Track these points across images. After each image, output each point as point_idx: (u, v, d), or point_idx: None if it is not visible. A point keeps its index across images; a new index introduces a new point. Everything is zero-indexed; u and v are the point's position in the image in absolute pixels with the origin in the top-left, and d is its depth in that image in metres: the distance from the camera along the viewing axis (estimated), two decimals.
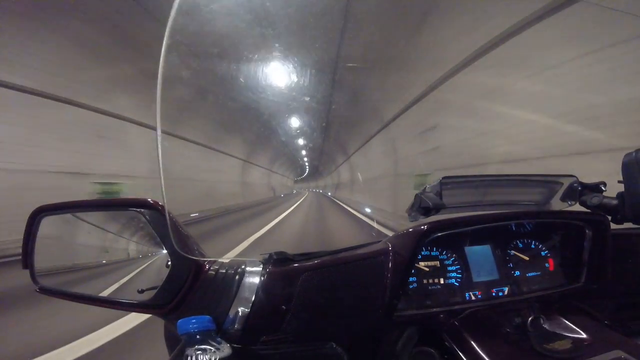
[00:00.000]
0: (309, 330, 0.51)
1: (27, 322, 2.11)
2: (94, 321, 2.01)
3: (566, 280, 0.67)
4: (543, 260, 0.69)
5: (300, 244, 4.77)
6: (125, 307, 0.53)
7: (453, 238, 0.64)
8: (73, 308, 0.56)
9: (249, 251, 4.34)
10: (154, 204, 0.51)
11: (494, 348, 0.48)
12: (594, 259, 0.64)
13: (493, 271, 0.65)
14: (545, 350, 0.46)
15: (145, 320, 2.02)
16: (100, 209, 0.61)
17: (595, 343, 0.47)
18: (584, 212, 0.66)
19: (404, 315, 0.57)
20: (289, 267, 0.54)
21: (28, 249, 0.55)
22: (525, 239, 0.70)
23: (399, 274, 0.54)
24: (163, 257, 0.52)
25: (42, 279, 0.56)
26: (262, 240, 5.13)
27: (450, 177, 0.62)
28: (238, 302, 0.50)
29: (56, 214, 0.58)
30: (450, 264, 0.64)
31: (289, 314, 0.50)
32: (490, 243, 0.67)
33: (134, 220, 0.57)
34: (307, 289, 0.51)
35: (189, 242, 0.52)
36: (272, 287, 0.51)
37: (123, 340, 1.84)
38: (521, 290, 0.65)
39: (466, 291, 0.63)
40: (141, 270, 0.56)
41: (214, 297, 0.50)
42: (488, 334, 0.51)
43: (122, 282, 0.57)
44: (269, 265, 0.54)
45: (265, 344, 0.49)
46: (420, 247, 0.57)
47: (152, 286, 0.52)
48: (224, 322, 0.49)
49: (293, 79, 6.55)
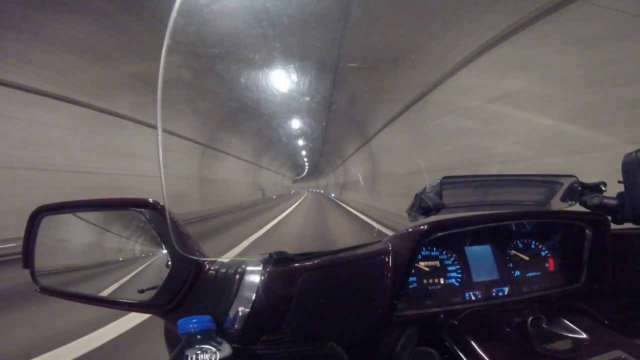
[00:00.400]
0: (309, 330, 0.51)
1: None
2: (94, 320, 2.01)
3: (566, 280, 0.67)
4: (543, 260, 0.69)
5: (300, 244, 4.77)
6: (125, 307, 0.54)
7: (453, 238, 0.65)
8: (78, 307, 0.56)
9: (249, 251, 4.35)
10: (154, 204, 0.51)
11: (494, 348, 0.48)
12: (594, 259, 0.64)
13: (493, 271, 0.65)
14: (545, 350, 0.46)
15: (145, 320, 2.02)
16: (101, 209, 0.61)
17: (595, 343, 0.47)
18: (584, 212, 0.66)
19: (404, 315, 0.57)
20: (289, 267, 0.54)
21: (28, 248, 0.55)
22: (525, 239, 0.70)
23: (399, 274, 0.54)
24: (163, 257, 0.52)
25: (43, 278, 0.56)
26: (263, 240, 5.13)
27: (450, 177, 0.62)
28: (238, 302, 0.50)
29: (56, 213, 0.58)
30: (451, 264, 0.64)
31: (289, 314, 0.50)
32: (491, 243, 0.67)
33: (134, 220, 0.58)
34: (307, 288, 0.51)
35: (189, 242, 0.52)
36: (272, 287, 0.51)
37: (123, 339, 1.84)
38: (521, 290, 0.65)
39: (466, 291, 0.63)
40: (141, 270, 0.56)
41: (214, 297, 0.50)
42: (488, 334, 0.51)
43: (123, 282, 0.57)
44: (269, 265, 0.54)
45: (265, 344, 0.49)
46: (420, 247, 0.57)
47: (152, 286, 0.52)
48: (224, 322, 0.49)
49: (294, 78, 6.56)
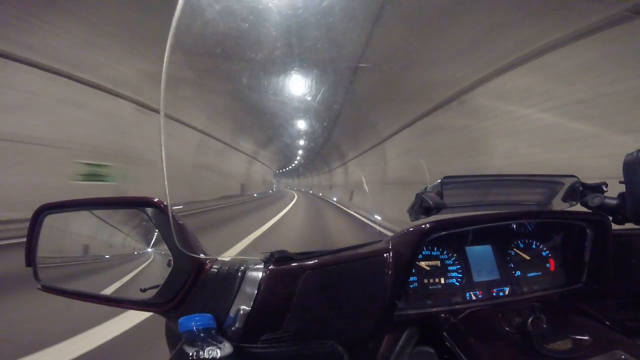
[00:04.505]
0: (309, 328, 0.51)
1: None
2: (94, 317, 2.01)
3: (567, 280, 0.67)
4: (544, 260, 0.69)
5: (301, 244, 4.77)
6: (127, 306, 0.54)
7: (454, 238, 0.65)
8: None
9: (250, 250, 4.35)
10: (157, 203, 0.51)
11: (495, 348, 0.48)
12: (595, 259, 0.64)
13: (494, 271, 0.65)
14: (545, 350, 0.46)
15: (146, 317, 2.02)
16: (104, 207, 0.62)
17: (596, 343, 0.47)
18: (585, 213, 0.66)
19: (404, 315, 0.57)
20: (290, 266, 0.54)
21: (31, 246, 0.55)
22: (526, 239, 0.70)
23: (399, 274, 0.54)
24: (165, 255, 0.52)
25: (45, 277, 0.56)
26: (263, 240, 5.12)
27: (451, 177, 0.62)
28: (239, 301, 0.50)
29: (59, 212, 0.58)
30: (451, 263, 0.65)
31: (290, 313, 0.50)
32: (491, 243, 0.67)
33: (136, 219, 0.58)
34: (308, 287, 0.51)
35: (191, 240, 0.53)
36: (273, 285, 0.51)
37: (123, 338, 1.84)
38: (522, 290, 0.65)
39: (467, 291, 0.63)
40: (143, 268, 0.57)
41: (215, 295, 0.51)
42: (488, 334, 0.51)
43: (125, 280, 0.57)
44: (270, 264, 0.54)
45: (266, 343, 0.49)
46: (421, 246, 0.57)
47: (154, 284, 0.52)
48: (225, 320, 0.49)
49: (294, 78, 6.57)
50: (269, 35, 4.83)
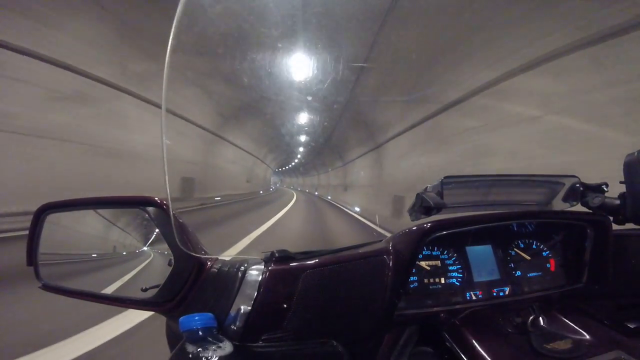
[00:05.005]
0: (310, 328, 0.51)
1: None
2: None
3: (567, 280, 0.67)
4: (544, 260, 0.69)
5: (301, 244, 4.77)
6: (128, 305, 0.54)
7: (454, 237, 0.65)
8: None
9: (250, 249, 4.36)
10: (158, 202, 0.51)
11: (494, 348, 0.48)
12: (596, 259, 0.64)
13: (494, 271, 0.65)
14: (545, 350, 0.46)
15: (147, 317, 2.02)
16: (105, 207, 0.62)
17: (596, 343, 0.47)
18: (585, 213, 0.66)
19: (404, 314, 0.57)
20: (290, 266, 0.54)
21: (32, 246, 0.56)
22: (526, 239, 0.70)
23: (399, 273, 0.54)
24: (166, 254, 0.53)
25: (46, 275, 0.56)
26: (264, 239, 5.13)
27: (451, 177, 0.62)
28: (240, 300, 0.50)
29: (61, 211, 0.59)
30: (452, 263, 0.65)
31: (290, 312, 0.50)
32: (492, 243, 0.67)
33: (137, 218, 0.58)
34: (308, 287, 0.51)
35: (192, 240, 0.53)
36: (274, 285, 0.52)
37: (124, 337, 1.85)
38: (522, 290, 0.65)
39: (467, 291, 0.63)
40: (144, 267, 0.57)
41: (216, 294, 0.51)
42: (488, 334, 0.51)
43: (125, 280, 0.57)
44: (271, 263, 0.54)
45: (266, 342, 0.49)
46: (421, 246, 0.57)
47: (154, 284, 0.52)
48: (225, 319, 0.49)
49: (295, 78, 6.57)
50: (270, 35, 4.84)
